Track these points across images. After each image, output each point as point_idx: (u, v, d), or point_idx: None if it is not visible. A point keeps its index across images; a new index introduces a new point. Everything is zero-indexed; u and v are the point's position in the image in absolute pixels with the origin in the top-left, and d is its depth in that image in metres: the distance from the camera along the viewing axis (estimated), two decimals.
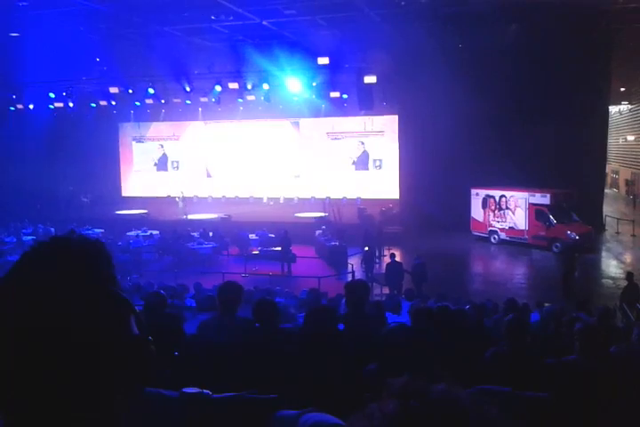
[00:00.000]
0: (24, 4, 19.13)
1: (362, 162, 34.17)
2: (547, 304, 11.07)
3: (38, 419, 0.86)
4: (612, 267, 20.71)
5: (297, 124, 35.09)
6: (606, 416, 3.51)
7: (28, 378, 0.84)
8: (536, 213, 22.93)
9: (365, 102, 26.05)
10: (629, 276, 14.51)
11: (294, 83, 25.83)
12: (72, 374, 0.86)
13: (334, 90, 26.96)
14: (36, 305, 0.87)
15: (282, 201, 34.16)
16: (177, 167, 38.08)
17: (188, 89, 26.93)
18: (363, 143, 34.04)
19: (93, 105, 30.81)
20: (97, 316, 0.90)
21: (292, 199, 33.96)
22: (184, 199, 31.96)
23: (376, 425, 0.72)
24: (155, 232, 25.61)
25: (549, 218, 22.47)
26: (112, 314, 0.92)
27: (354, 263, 19.94)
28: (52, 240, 0.97)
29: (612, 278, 18.74)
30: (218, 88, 26.79)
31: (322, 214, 28.50)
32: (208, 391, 1.37)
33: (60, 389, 0.86)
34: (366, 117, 32.26)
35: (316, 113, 32.27)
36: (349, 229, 23.95)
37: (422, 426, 0.70)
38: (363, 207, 29.14)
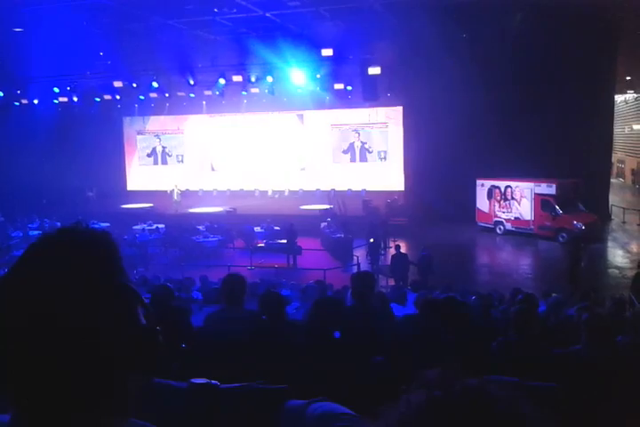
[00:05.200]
0: None
1: (362, 154, 34.08)
2: (553, 294, 11.08)
3: (49, 407, 0.87)
4: (618, 257, 20.67)
5: (301, 116, 35.00)
6: (612, 407, 3.52)
7: (39, 367, 0.85)
8: (542, 203, 22.88)
9: (370, 94, 25.95)
10: None
11: (298, 75, 25.74)
12: (82, 363, 0.87)
13: (338, 82, 26.85)
14: (45, 295, 0.87)
15: (287, 194, 34.12)
16: (181, 161, 38.09)
17: (191, 82, 26.87)
18: (359, 134, 33.95)
19: (98, 99, 30.76)
20: (106, 307, 0.90)
21: (297, 192, 33.92)
22: (179, 192, 31.98)
23: (403, 414, 0.74)
24: (160, 226, 25.64)
25: (555, 208, 22.43)
26: (121, 305, 0.93)
27: (359, 255, 19.96)
28: (59, 231, 0.98)
29: (619, 268, 18.71)
30: (222, 81, 26.73)
31: (327, 207, 28.49)
32: (216, 382, 1.38)
33: (71, 377, 0.86)
34: (371, 109, 32.13)
35: (321, 105, 32.15)
36: (354, 221, 23.95)
37: (446, 416, 0.71)
38: (368, 199, 29.12)
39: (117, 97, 30.25)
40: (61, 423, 0.87)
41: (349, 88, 27.26)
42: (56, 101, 29.92)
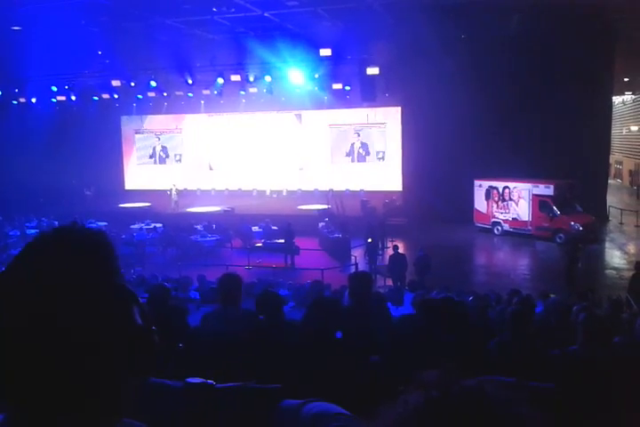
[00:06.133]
0: None
1: (361, 154, 34.09)
2: (551, 295, 11.09)
3: (45, 407, 0.87)
4: (615, 257, 20.70)
5: (299, 116, 35.00)
6: (608, 407, 3.52)
7: (34, 367, 0.85)
8: (539, 204, 22.90)
9: (368, 94, 25.95)
10: (638, 265, 14.38)
11: (296, 75, 25.73)
12: (77, 363, 0.86)
13: (337, 82, 26.87)
14: (40, 294, 0.87)
15: (285, 193, 34.13)
16: (180, 160, 38.06)
17: (190, 81, 26.85)
18: (359, 135, 33.96)
19: (96, 98, 30.76)
20: (101, 307, 0.90)
21: (295, 192, 33.93)
22: (177, 192, 31.88)
23: (400, 415, 0.74)
24: (158, 225, 25.61)
25: (553, 209, 22.44)
26: (115, 304, 0.92)
27: (357, 255, 19.97)
28: (55, 231, 0.98)
29: (616, 269, 18.74)
30: (220, 80, 26.71)
31: (325, 207, 28.48)
32: (212, 381, 1.38)
33: (66, 378, 0.86)
34: (369, 109, 32.13)
35: (319, 105, 32.16)
36: (352, 221, 23.95)
37: (444, 417, 0.71)
38: (366, 199, 29.13)
39: (115, 96, 30.26)
40: (57, 423, 0.87)
41: (348, 88, 27.28)
42: (54, 100, 29.92)
